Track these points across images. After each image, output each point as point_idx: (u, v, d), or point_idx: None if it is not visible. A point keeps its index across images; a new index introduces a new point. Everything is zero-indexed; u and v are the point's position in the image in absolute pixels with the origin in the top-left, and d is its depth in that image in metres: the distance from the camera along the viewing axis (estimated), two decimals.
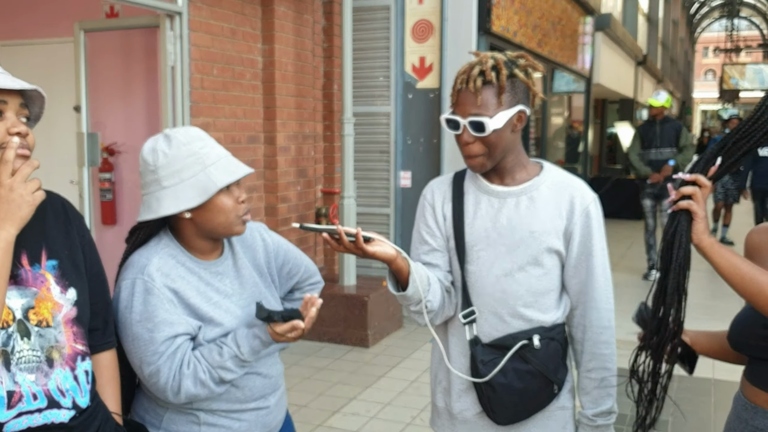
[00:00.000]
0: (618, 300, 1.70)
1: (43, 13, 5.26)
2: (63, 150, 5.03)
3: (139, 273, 1.64)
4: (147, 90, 4.87)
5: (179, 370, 1.62)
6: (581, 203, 1.76)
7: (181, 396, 1.63)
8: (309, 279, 1.97)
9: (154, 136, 1.70)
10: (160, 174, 1.63)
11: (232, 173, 1.65)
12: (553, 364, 1.77)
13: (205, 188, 1.61)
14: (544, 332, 1.76)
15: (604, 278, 1.78)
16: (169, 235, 1.73)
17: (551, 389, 1.78)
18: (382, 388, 4.57)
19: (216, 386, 1.65)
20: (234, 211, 1.67)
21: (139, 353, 1.62)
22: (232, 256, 1.79)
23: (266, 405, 1.79)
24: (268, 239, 1.88)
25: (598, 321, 1.78)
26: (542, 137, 9.72)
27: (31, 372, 1.39)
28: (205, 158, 1.63)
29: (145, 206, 1.67)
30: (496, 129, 1.68)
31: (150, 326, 1.60)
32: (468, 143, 1.70)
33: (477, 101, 1.67)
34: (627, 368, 1.69)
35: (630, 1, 19.13)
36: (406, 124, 6.35)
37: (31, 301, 1.41)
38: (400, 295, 1.72)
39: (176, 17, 4.48)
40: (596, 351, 1.78)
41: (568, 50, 10.08)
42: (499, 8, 6.67)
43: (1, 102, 1.35)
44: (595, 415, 1.79)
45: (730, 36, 40.97)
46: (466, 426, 1.86)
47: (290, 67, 5.44)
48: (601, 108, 18.44)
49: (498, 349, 1.76)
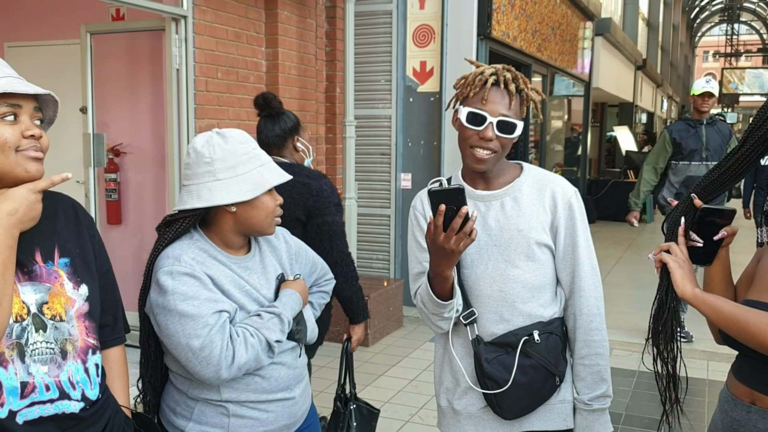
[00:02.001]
0: (615, 301, 1.75)
1: (50, 16, 5.33)
2: (69, 150, 5.09)
3: (176, 262, 1.71)
4: (152, 92, 4.94)
5: (231, 339, 1.68)
6: (563, 197, 1.85)
7: (234, 365, 1.67)
8: (325, 276, 2.14)
9: (203, 132, 1.79)
10: (216, 166, 1.72)
11: (280, 176, 1.78)
12: (553, 357, 1.84)
13: (258, 184, 1.73)
14: (543, 327, 1.83)
15: (590, 267, 1.85)
16: (200, 232, 1.80)
17: (553, 381, 1.85)
18: (382, 387, 4.64)
19: (263, 351, 1.72)
20: (272, 213, 1.79)
21: (187, 330, 1.65)
22: (259, 254, 1.88)
23: (291, 396, 1.85)
24: (291, 242, 2.01)
25: (588, 308, 1.85)
26: (542, 140, 9.79)
27: (45, 363, 1.43)
28: (258, 158, 1.76)
29: (194, 195, 1.73)
30: (519, 135, 1.81)
31: (196, 303, 1.67)
32: (490, 139, 1.77)
33: (510, 104, 1.78)
34: (628, 369, 1.77)
35: (630, 5, 19.20)
36: (407, 126, 6.42)
37: (44, 297, 1.45)
38: (442, 303, 1.77)
39: (181, 21, 4.56)
40: (587, 338, 1.85)
41: (567, 54, 10.15)
42: (499, 13, 6.74)
43: (16, 106, 1.40)
44: (590, 400, 1.85)
45: (730, 40, 41.01)
46: (471, 421, 1.92)
47: (293, 70, 5.52)
48: (600, 111, 18.51)
49: (500, 347, 1.82)
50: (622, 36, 15.31)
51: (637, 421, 4.13)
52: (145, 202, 5.10)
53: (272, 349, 1.74)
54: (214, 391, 1.76)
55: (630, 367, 5.03)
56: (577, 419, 1.88)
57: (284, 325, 1.77)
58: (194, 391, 1.78)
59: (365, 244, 6.56)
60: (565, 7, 9.73)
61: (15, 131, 1.40)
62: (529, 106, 1.88)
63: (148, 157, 5.03)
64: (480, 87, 1.78)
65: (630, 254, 9.79)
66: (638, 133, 19.87)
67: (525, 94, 1.82)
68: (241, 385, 1.76)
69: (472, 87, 1.80)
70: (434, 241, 1.65)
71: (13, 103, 1.40)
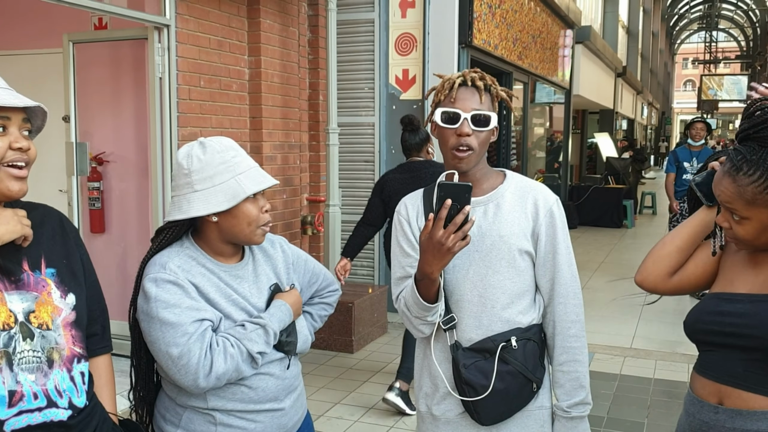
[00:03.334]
0: (596, 305, 1.77)
1: (32, 25, 5.32)
2: (52, 159, 5.08)
3: (161, 269, 1.72)
4: (135, 100, 4.94)
5: (210, 349, 1.68)
6: (545, 204, 1.88)
7: (212, 375, 1.67)
8: (328, 287, 2.08)
9: (189, 143, 1.80)
10: (193, 178, 1.73)
11: (260, 183, 1.75)
12: (531, 363, 1.85)
13: (234, 194, 1.72)
14: (521, 333, 1.85)
15: (570, 274, 1.88)
16: (191, 240, 1.81)
17: (530, 388, 1.86)
18: (366, 393, 4.66)
19: (243, 362, 1.71)
20: (257, 221, 1.77)
21: (167, 337, 1.66)
22: (252, 262, 1.88)
23: (281, 407, 1.84)
24: (288, 251, 1.98)
25: (566, 315, 1.87)
26: (523, 147, 9.86)
27: (32, 372, 1.44)
28: (236, 167, 1.74)
29: (176, 207, 1.76)
30: (495, 126, 1.85)
31: (177, 311, 1.67)
32: (467, 135, 1.81)
33: (480, 99, 1.83)
34: (610, 373, 1.79)
35: (609, 13, 19.41)
36: (390, 134, 6.46)
37: (31, 305, 1.46)
38: (428, 306, 1.79)
39: (164, 29, 4.57)
40: (566, 344, 1.87)
41: (548, 62, 10.25)
42: (480, 22, 6.81)
43: (5, 118, 1.42)
44: (569, 407, 1.86)
45: (709, 47, 41.54)
46: (449, 426, 1.93)
47: (276, 78, 5.54)
48: (581, 118, 18.67)
49: (478, 352, 1.84)
50: (602, 43, 15.47)
51: (619, 424, 4.18)
52: (129, 211, 5.09)
53: (255, 361, 1.73)
54: (200, 399, 1.76)
55: (612, 370, 5.08)
56: (556, 426, 1.89)
57: (269, 337, 1.75)
58: (182, 398, 1.79)
59: None
60: (545, 16, 9.83)
61: (3, 143, 1.41)
62: (502, 104, 1.93)
63: (132, 165, 5.03)
64: (449, 89, 1.84)
65: (611, 259, 9.88)
66: (618, 139, 20.06)
67: (494, 90, 1.87)
68: (227, 394, 1.76)
69: (442, 92, 1.86)
70: (432, 236, 1.67)
71: (2, 115, 1.41)
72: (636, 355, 5.50)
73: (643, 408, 4.43)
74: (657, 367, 5.17)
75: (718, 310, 1.62)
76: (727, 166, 1.54)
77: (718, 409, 1.58)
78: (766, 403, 1.51)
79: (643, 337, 5.99)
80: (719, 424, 1.57)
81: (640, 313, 6.81)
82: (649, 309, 6.93)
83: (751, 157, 1.50)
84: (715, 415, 1.58)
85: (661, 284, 1.77)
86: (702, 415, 1.61)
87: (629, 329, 6.27)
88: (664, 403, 4.51)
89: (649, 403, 4.51)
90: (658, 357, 5.40)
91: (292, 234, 5.85)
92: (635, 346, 5.74)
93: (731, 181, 1.52)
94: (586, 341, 1.90)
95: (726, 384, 1.58)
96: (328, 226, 5.76)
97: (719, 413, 1.58)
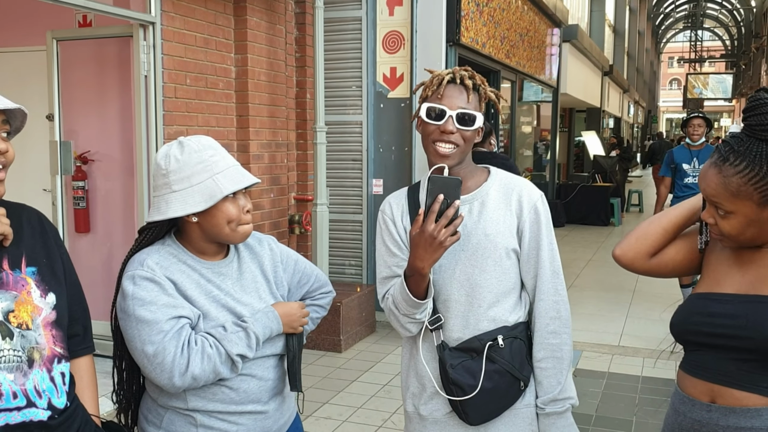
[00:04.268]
0: (584, 303, 1.76)
1: (15, 22, 5.25)
2: (36, 158, 5.02)
3: (139, 266, 1.70)
4: (120, 99, 4.89)
5: (187, 347, 1.65)
6: (529, 201, 1.87)
7: (188, 374, 1.65)
8: (320, 289, 2.04)
9: (168, 143, 1.78)
10: (171, 178, 1.71)
11: (238, 182, 1.72)
12: (518, 362, 1.84)
13: (211, 194, 1.69)
14: (507, 332, 1.84)
15: (551, 270, 1.86)
16: (173, 238, 1.79)
17: (518, 386, 1.85)
18: (354, 392, 4.64)
19: (222, 364, 1.69)
20: (237, 220, 1.74)
21: (142, 335, 1.64)
22: (237, 260, 1.85)
23: (264, 409, 1.80)
24: (276, 249, 1.95)
25: (546, 311, 1.85)
26: (511, 145, 9.88)
27: (11, 371, 1.42)
28: (214, 166, 1.71)
29: (155, 208, 1.74)
30: (479, 126, 1.83)
31: (153, 309, 1.65)
32: (451, 132, 1.79)
33: (467, 98, 1.82)
34: (598, 371, 1.78)
35: (596, 12, 19.49)
36: (378, 132, 6.44)
37: (10, 305, 1.44)
38: (418, 302, 1.78)
39: (149, 27, 4.52)
40: (545, 341, 1.86)
41: (535, 61, 10.27)
42: (468, 20, 6.80)
43: None
44: (544, 403, 1.86)
45: (694, 46, 41.81)
46: (436, 426, 1.92)
47: (263, 76, 5.51)
48: (568, 117, 18.75)
49: (464, 352, 1.83)
50: (589, 42, 15.54)
51: (607, 422, 4.19)
52: (114, 210, 5.04)
53: (235, 364, 1.71)
54: (180, 400, 1.74)
55: (600, 368, 5.09)
56: (539, 423, 1.88)
57: (251, 340, 1.73)
58: (163, 399, 1.77)
59: (337, 250, 6.55)
60: (532, 14, 9.85)
61: None
62: (490, 103, 1.92)
63: (117, 164, 4.98)
64: (437, 86, 1.83)
65: (599, 257, 9.91)
66: (606, 138, 20.16)
67: (482, 90, 1.86)
68: (207, 395, 1.74)
69: (430, 87, 1.84)
70: (423, 230, 1.66)
71: None
72: (624, 352, 5.51)
73: (632, 406, 4.44)
74: (645, 365, 5.19)
75: (708, 311, 1.60)
76: (714, 158, 1.53)
77: (711, 407, 1.57)
78: (759, 401, 1.50)
79: (631, 335, 6.01)
80: (712, 422, 1.55)
81: (627, 311, 6.83)
82: (636, 307, 6.96)
83: (739, 147, 1.49)
84: (708, 414, 1.57)
85: (639, 262, 1.75)
86: (694, 414, 1.60)
87: (617, 327, 6.28)
88: (652, 401, 4.52)
89: (638, 401, 4.52)
90: (646, 354, 5.42)
91: (280, 233, 5.82)
92: (623, 344, 5.76)
93: (717, 172, 1.51)
94: (570, 339, 1.89)
95: (718, 383, 1.56)
96: (316, 225, 5.73)
97: (712, 411, 1.56)
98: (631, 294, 7.55)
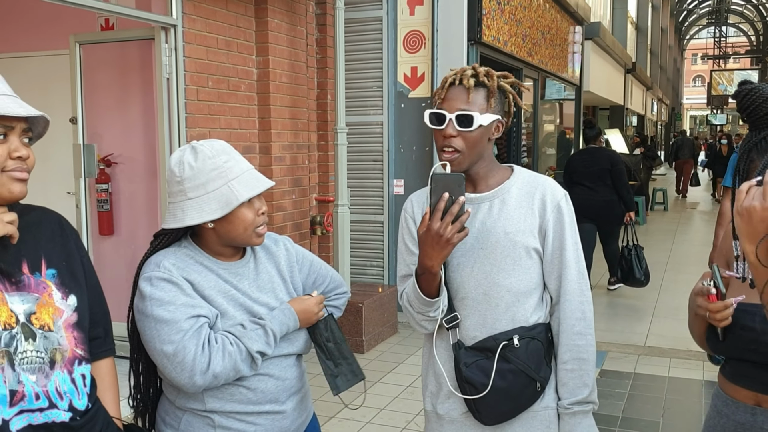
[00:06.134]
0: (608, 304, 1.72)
1: (38, 26, 5.31)
2: (60, 161, 5.07)
3: (156, 268, 1.70)
4: (143, 101, 4.92)
5: (207, 345, 1.65)
6: (552, 200, 1.83)
7: (209, 373, 1.64)
8: (335, 289, 2.03)
9: (181, 147, 1.77)
10: (186, 185, 1.70)
11: (254, 188, 1.72)
12: (534, 362, 1.81)
13: (227, 201, 1.69)
14: (524, 332, 1.81)
15: (576, 271, 1.83)
16: (189, 240, 1.79)
17: (534, 387, 1.82)
18: (378, 394, 4.63)
19: (242, 361, 1.68)
20: (253, 224, 1.74)
21: (162, 335, 1.64)
22: (253, 260, 1.85)
23: (281, 409, 1.80)
24: (292, 250, 1.95)
25: (572, 312, 1.82)
26: (534, 144, 9.81)
27: (33, 373, 1.43)
28: (229, 172, 1.70)
29: (171, 214, 1.74)
30: (483, 125, 1.76)
31: (172, 309, 1.65)
32: (451, 136, 1.76)
33: (468, 98, 1.76)
34: (624, 372, 1.74)
35: (618, 9, 19.31)
36: (398, 132, 6.42)
37: (32, 307, 1.45)
38: (429, 301, 1.77)
39: (171, 30, 4.54)
40: (570, 342, 1.82)
41: (558, 59, 10.18)
42: (489, 18, 6.76)
43: (7, 126, 1.42)
44: (570, 404, 1.83)
45: (718, 43, 41.27)
46: (453, 426, 1.90)
47: (284, 78, 5.51)
48: (591, 115, 18.59)
49: (480, 351, 1.81)
50: (611, 40, 15.39)
51: (633, 423, 4.13)
52: (138, 213, 5.07)
53: (254, 361, 1.71)
54: (198, 401, 1.74)
55: (626, 369, 5.03)
56: (561, 424, 1.85)
57: (269, 337, 1.73)
58: (180, 401, 1.77)
59: (358, 251, 6.54)
60: (554, 12, 9.77)
61: (2, 151, 1.42)
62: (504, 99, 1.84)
63: (140, 167, 5.01)
64: (441, 89, 1.81)
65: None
66: (630, 136, 19.96)
67: (491, 84, 1.78)
68: (225, 395, 1.74)
69: (439, 92, 1.82)
70: (429, 228, 1.65)
71: (5, 123, 1.42)
72: (650, 353, 5.44)
73: (658, 407, 4.38)
74: (671, 365, 5.11)
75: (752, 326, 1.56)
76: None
77: (756, 410, 1.54)
78: None
79: (657, 335, 5.93)
80: (757, 426, 1.53)
81: (653, 311, 6.74)
82: (662, 306, 6.87)
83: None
84: (752, 417, 1.54)
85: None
86: (738, 417, 1.57)
87: (643, 327, 6.20)
88: (679, 402, 4.45)
89: (664, 402, 4.45)
90: (673, 355, 5.34)
91: (302, 234, 5.82)
92: (649, 344, 5.68)
93: None
94: (594, 340, 1.86)
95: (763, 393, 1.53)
96: (337, 226, 5.72)
97: (757, 414, 1.54)
98: (657, 293, 7.45)
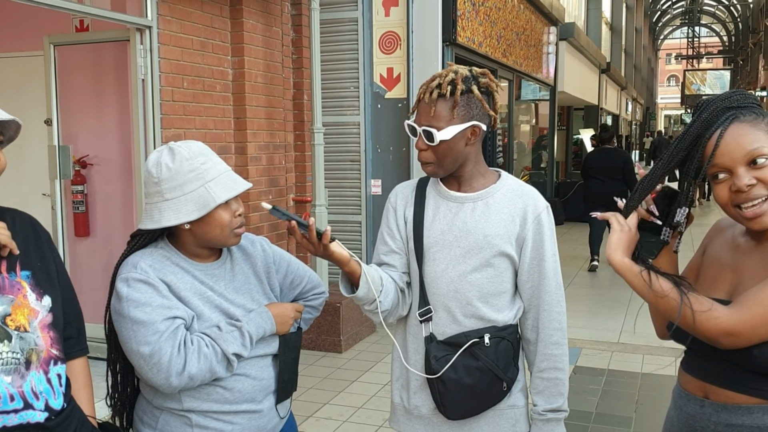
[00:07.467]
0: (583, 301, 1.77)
1: (12, 27, 5.27)
2: (35, 163, 5.03)
3: (132, 269, 1.71)
4: (118, 102, 4.91)
5: (183, 346, 1.66)
6: (534, 211, 1.87)
7: (185, 374, 1.66)
8: (313, 290, 2.04)
9: (159, 148, 1.77)
10: (163, 187, 1.71)
11: (231, 189, 1.73)
12: (502, 362, 1.85)
13: (204, 203, 1.70)
14: (496, 332, 1.85)
15: (555, 282, 1.88)
16: (165, 241, 1.81)
17: (500, 386, 1.87)
18: (355, 393, 4.66)
19: (218, 363, 1.70)
20: (230, 225, 1.76)
21: (138, 336, 1.65)
22: (230, 261, 1.87)
23: (258, 408, 1.81)
24: (269, 251, 1.96)
25: (550, 323, 1.87)
26: (509, 144, 9.89)
27: (8, 374, 1.43)
28: (206, 174, 1.71)
29: (148, 215, 1.74)
30: (444, 140, 1.80)
31: (148, 310, 1.66)
32: (422, 150, 1.83)
33: (431, 112, 1.80)
34: (597, 368, 1.78)
35: (593, 10, 19.49)
36: (375, 133, 6.45)
37: (7, 309, 1.46)
38: (352, 296, 1.83)
39: (146, 31, 4.53)
40: (548, 352, 1.88)
41: (532, 59, 10.28)
42: (464, 20, 6.82)
43: None
44: (545, 411, 1.88)
45: (691, 43, 41.82)
46: (421, 422, 1.94)
47: (260, 78, 5.52)
48: (566, 115, 18.74)
49: (451, 346, 1.85)
50: (585, 40, 15.54)
51: (607, 419, 4.20)
52: (113, 214, 5.05)
53: (230, 363, 1.72)
54: (175, 401, 1.75)
55: (600, 365, 5.11)
56: (533, 429, 1.90)
57: (245, 339, 1.74)
58: (158, 400, 1.78)
59: None
60: (528, 13, 9.86)
61: None
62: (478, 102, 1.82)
63: (116, 168, 4.99)
64: (417, 101, 1.87)
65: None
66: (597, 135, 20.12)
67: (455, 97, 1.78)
68: (202, 395, 1.75)
69: (414, 105, 1.89)
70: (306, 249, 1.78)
71: None
72: (623, 349, 5.53)
73: (631, 402, 4.46)
74: (644, 362, 5.20)
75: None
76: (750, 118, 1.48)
77: (704, 402, 1.59)
78: (749, 400, 1.52)
79: (630, 332, 6.02)
80: (705, 417, 1.58)
81: (626, 308, 6.84)
82: (635, 303, 6.97)
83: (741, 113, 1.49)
84: (701, 409, 1.59)
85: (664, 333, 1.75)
86: (689, 408, 1.62)
87: (616, 324, 6.30)
88: (652, 398, 4.53)
89: (637, 398, 4.53)
90: (646, 351, 5.43)
91: (279, 235, 5.83)
92: (622, 341, 5.77)
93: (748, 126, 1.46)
94: (567, 348, 1.91)
95: (710, 383, 1.58)
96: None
97: (705, 406, 1.58)
98: (630, 291, 7.54)
